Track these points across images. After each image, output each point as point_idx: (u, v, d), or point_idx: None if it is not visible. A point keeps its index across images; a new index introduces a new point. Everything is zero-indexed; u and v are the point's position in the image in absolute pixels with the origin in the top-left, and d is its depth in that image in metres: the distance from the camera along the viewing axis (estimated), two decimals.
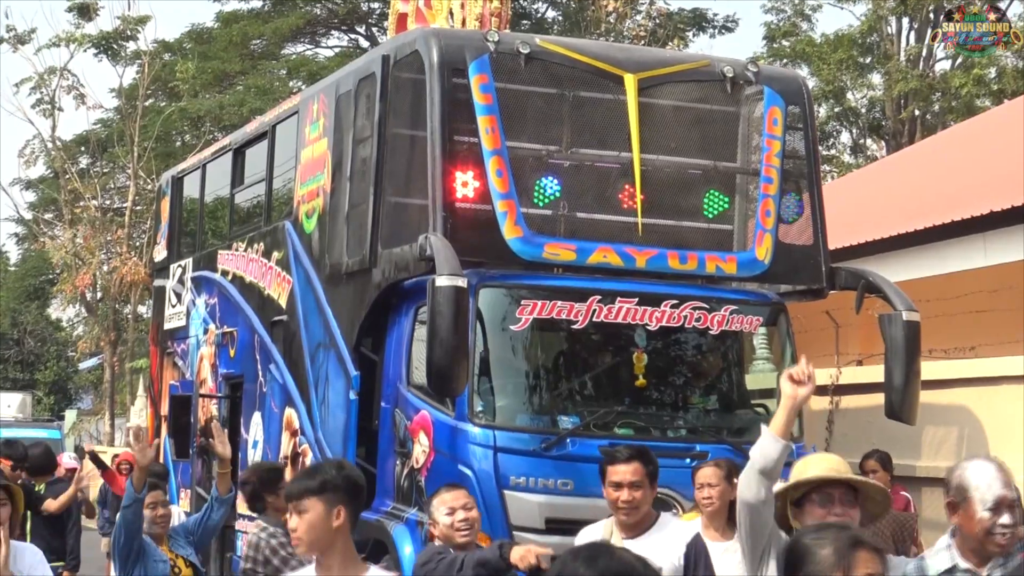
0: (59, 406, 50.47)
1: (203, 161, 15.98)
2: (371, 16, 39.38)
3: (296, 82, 37.77)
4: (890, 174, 21.02)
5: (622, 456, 6.09)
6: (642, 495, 5.99)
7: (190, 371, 14.85)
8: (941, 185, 16.76)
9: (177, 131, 39.87)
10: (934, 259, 13.81)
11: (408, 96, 10.55)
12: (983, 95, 32.80)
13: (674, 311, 9.99)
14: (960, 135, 22.07)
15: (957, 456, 11.91)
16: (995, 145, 17.42)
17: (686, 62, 11.10)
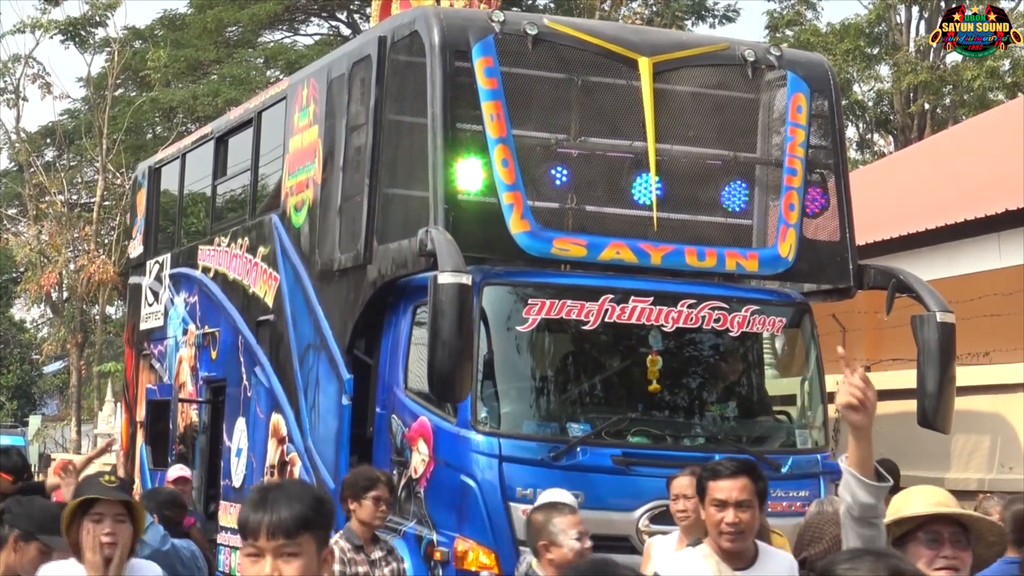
0: (22, 411, 50.16)
1: (183, 151, 15.73)
2: (353, 2, 39.16)
3: (274, 71, 37.60)
4: (899, 171, 20.93)
5: (727, 470, 5.23)
6: (750, 517, 5.14)
7: (168, 374, 14.61)
8: (953, 183, 16.66)
9: (148, 123, 39.69)
10: (946, 260, 13.69)
11: (407, 80, 10.33)
12: (996, 88, 32.67)
13: (691, 311, 9.79)
14: (973, 130, 22.03)
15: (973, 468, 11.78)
16: (1009, 141, 17.35)
17: (704, 45, 10.88)
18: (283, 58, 38.13)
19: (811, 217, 10.44)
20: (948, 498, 4.22)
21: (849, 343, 13.54)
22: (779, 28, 36.35)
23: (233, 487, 12.28)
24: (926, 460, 11.56)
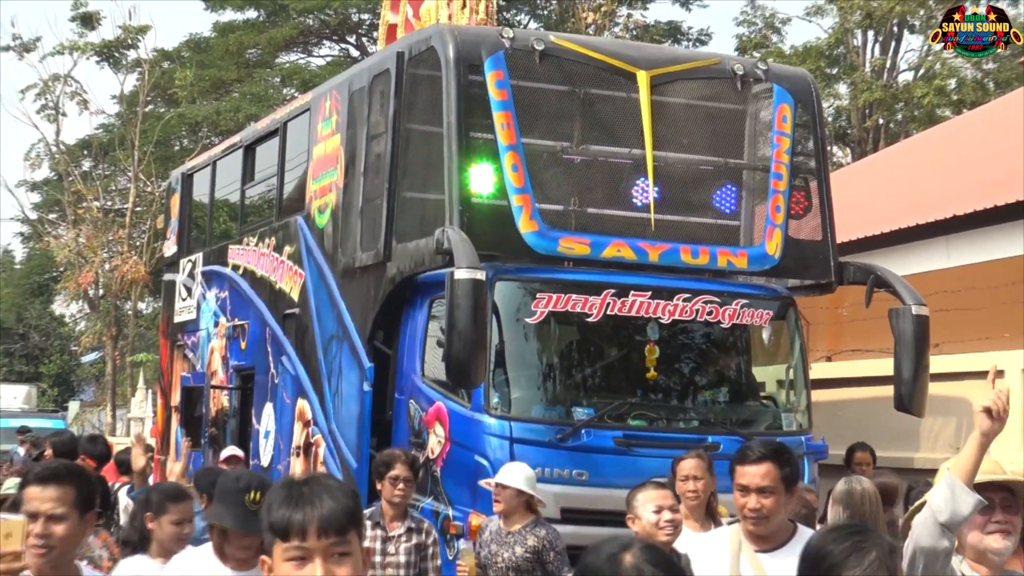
0: (62, 398, 50.05)
1: (213, 158, 15.58)
2: (361, 27, 39.06)
3: (289, 89, 37.49)
4: (855, 180, 20.86)
5: (752, 455, 4.71)
6: (773, 503, 4.60)
7: (201, 363, 14.46)
8: (905, 191, 16.65)
9: (176, 136, 39.55)
10: (899, 261, 13.61)
11: (423, 92, 10.17)
12: (944, 105, 32.65)
13: (686, 304, 9.67)
14: (923, 143, 22.06)
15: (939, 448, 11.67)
16: (956, 153, 17.47)
17: (697, 60, 10.79)
18: (298, 77, 38.06)
19: (795, 218, 10.33)
20: (996, 466, 4.02)
21: (812, 336, 13.42)
22: (747, 50, 36.28)
23: (261, 466, 12.11)
24: (894, 442, 11.43)
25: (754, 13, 36.32)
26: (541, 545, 7.59)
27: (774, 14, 36.38)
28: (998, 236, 12.74)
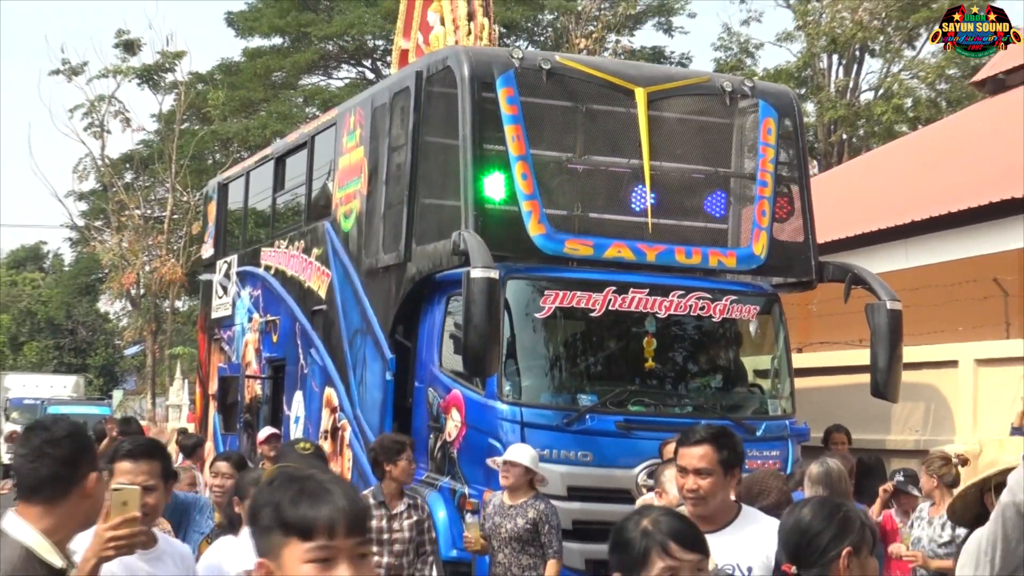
0: (107, 387, 50.05)
1: (247, 169, 15.50)
2: (376, 52, 38.93)
3: (311, 108, 37.36)
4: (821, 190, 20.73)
5: (692, 438, 4.37)
6: (710, 484, 4.24)
7: (236, 355, 14.35)
8: (867, 199, 16.60)
9: (209, 151, 39.41)
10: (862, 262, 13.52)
11: (440, 107, 10.09)
12: (901, 121, 32.52)
13: (681, 300, 9.61)
14: (882, 156, 22.03)
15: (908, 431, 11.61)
16: (913, 165, 17.50)
17: (690, 78, 10.74)
18: (319, 97, 37.95)
19: (779, 222, 10.27)
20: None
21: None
22: (724, 73, 36.17)
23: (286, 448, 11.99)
24: (860, 424, 11.35)
25: (730, 39, 36.13)
26: (539, 517, 7.60)
27: (748, 40, 36.24)
28: (952, 240, 12.75)
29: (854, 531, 3.14)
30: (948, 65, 32.12)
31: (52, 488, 3.14)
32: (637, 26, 37.36)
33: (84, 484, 3.18)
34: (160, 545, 3.96)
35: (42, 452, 3.14)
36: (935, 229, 12.81)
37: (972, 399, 11.43)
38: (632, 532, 2.87)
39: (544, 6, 35.98)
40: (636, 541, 2.84)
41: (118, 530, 3.26)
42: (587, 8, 34.26)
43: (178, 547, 4.26)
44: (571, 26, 32.71)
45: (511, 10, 33.54)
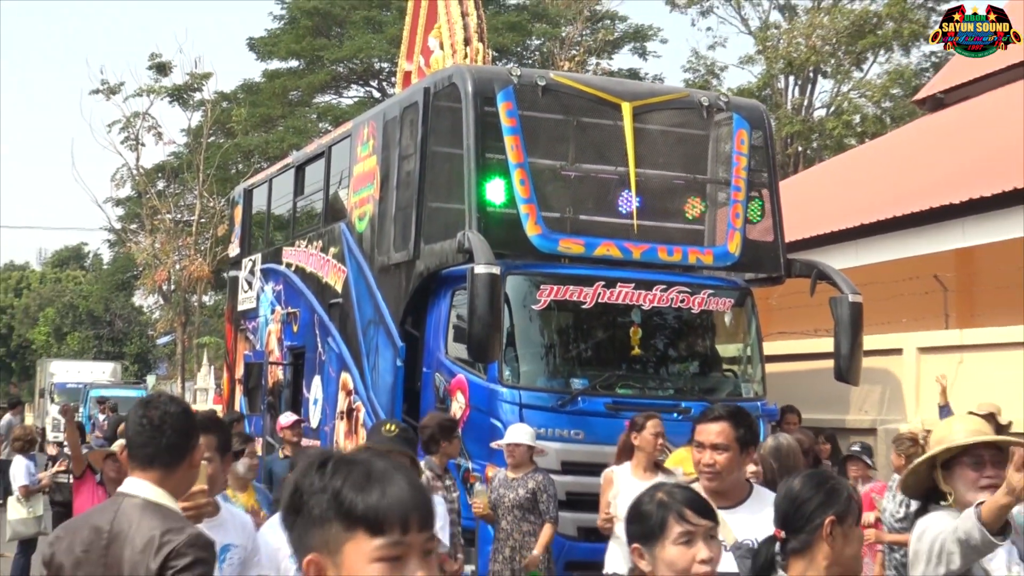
0: (141, 373, 49.86)
1: (270, 176, 15.33)
2: (382, 73, 38.72)
3: (324, 124, 37.14)
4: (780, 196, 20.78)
5: (711, 415, 4.06)
6: (726, 460, 3.89)
7: (260, 343, 14.19)
8: (821, 204, 16.57)
9: (232, 161, 39.16)
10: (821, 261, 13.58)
11: (446, 120, 9.96)
12: (850, 136, 32.47)
13: (663, 294, 9.51)
14: (833, 166, 22.07)
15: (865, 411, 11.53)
16: (861, 174, 17.51)
17: (670, 93, 10.58)
18: (331, 114, 37.71)
19: (752, 223, 10.15)
20: (984, 425, 3.58)
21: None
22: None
23: (311, 427, 11.82)
24: (816, 406, 11.26)
25: (697, 62, 36.05)
26: (538, 487, 7.57)
27: (714, 62, 36.14)
28: (897, 241, 12.76)
29: (839, 501, 3.04)
30: (892, 85, 32.13)
31: (169, 457, 3.13)
32: (615, 50, 37.23)
33: (193, 455, 3.20)
34: (223, 514, 3.90)
35: (161, 426, 3.12)
36: (882, 231, 12.87)
37: (915, 383, 11.42)
38: (648, 504, 2.83)
39: (531, 32, 35.79)
40: (653, 511, 2.80)
41: (187, 501, 3.27)
42: (570, 34, 34.13)
43: (240, 516, 4.16)
44: (556, 50, 32.57)
45: (502, 36, 33.31)
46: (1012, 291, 12.34)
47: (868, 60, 33.56)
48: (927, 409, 11.03)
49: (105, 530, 3.00)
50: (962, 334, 11.52)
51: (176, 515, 3.13)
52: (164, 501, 3.10)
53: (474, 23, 15.21)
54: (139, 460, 3.13)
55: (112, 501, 3.14)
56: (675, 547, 2.75)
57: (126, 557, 2.94)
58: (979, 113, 17.02)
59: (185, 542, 2.97)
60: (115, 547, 2.96)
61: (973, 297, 13.43)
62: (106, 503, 3.18)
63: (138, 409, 3.18)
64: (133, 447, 3.15)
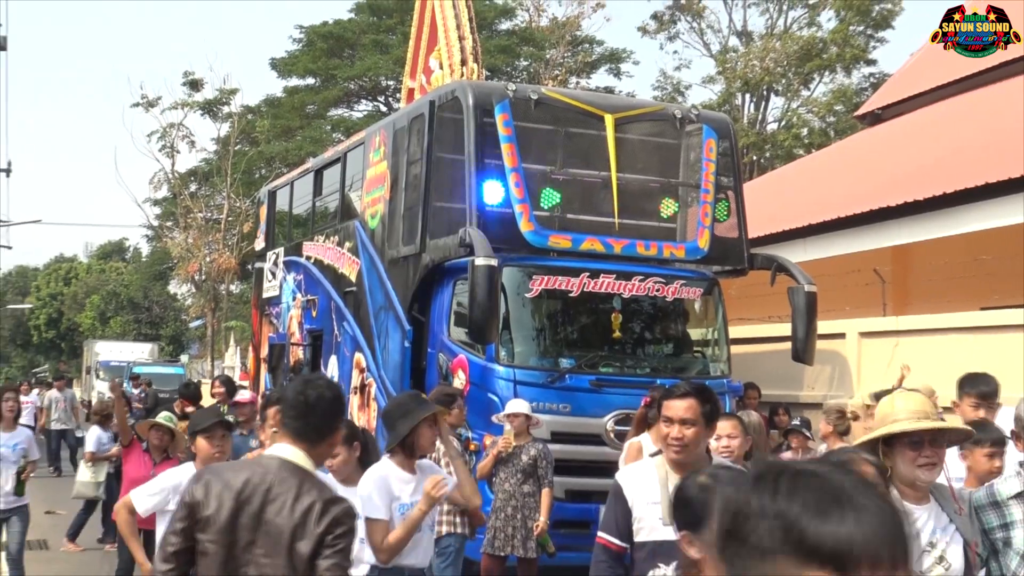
0: (175, 352, 49.48)
1: (291, 179, 15.14)
2: (388, 90, 38.43)
3: (337, 134, 36.88)
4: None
5: (678, 391, 3.79)
6: (694, 434, 3.67)
7: (282, 327, 14.02)
8: (772, 206, 16.49)
9: (256, 167, 38.82)
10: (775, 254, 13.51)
11: (449, 130, 9.81)
12: (798, 147, 32.40)
13: (641, 284, 9.41)
14: (784, 174, 22.04)
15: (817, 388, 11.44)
16: (808, 180, 17.49)
17: (648, 107, 10.44)
18: (343, 126, 37.46)
19: (719, 222, 10.05)
20: (926, 403, 3.32)
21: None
22: None
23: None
24: (785, 383, 11.17)
25: (665, 81, 35.97)
26: (538, 455, 7.51)
27: (679, 82, 36.06)
28: (841, 239, 12.71)
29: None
30: (835, 102, 32.07)
31: (315, 435, 3.01)
32: (593, 71, 37.06)
33: (334, 437, 3.11)
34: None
35: (315, 406, 3.00)
36: (827, 231, 12.82)
37: (857, 364, 11.35)
38: (692, 490, 2.51)
39: (520, 54, 35.59)
40: (696, 496, 2.48)
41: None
42: (554, 57, 33.98)
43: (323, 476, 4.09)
44: (541, 71, 32.43)
45: (494, 58, 33.10)
46: (941, 283, 12.30)
47: (814, 80, 33.49)
48: (868, 386, 10.96)
49: (259, 486, 2.86)
50: (898, 320, 11.46)
51: (328, 485, 3.03)
52: (311, 469, 2.99)
53: (469, 46, 15.02)
54: (290, 431, 3.01)
55: (261, 460, 3.00)
56: None
57: (283, 516, 2.82)
58: (912, 127, 16.97)
59: (344, 511, 2.89)
60: (271, 506, 2.83)
61: (907, 288, 13.39)
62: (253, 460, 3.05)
63: (299, 385, 3.09)
64: (287, 417, 3.03)
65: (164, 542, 2.86)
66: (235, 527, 2.77)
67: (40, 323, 60.45)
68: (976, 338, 9.89)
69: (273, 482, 2.85)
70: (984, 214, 10.62)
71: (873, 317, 12.03)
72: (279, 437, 3.04)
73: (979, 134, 13.76)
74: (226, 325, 37.94)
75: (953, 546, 3.18)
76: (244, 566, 2.76)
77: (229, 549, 2.76)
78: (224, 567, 2.76)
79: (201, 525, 2.80)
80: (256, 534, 2.78)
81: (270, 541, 2.77)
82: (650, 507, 3.48)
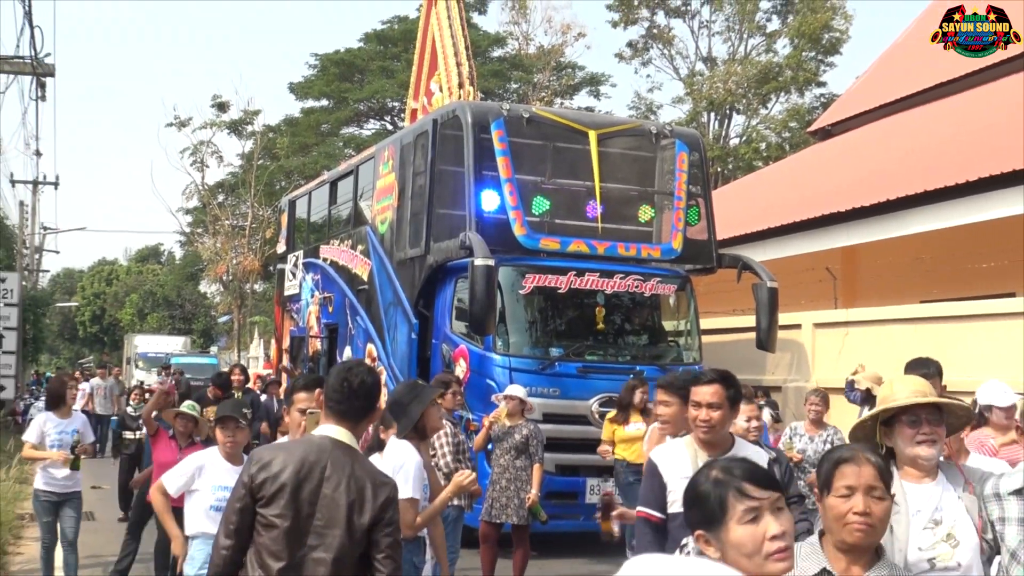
0: (206, 345, 49.21)
1: (309, 190, 15.03)
2: (393, 110, 38.27)
3: (348, 150, 36.72)
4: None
5: (705, 378, 3.69)
6: (720, 416, 3.53)
7: (302, 321, 13.91)
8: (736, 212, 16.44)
9: (277, 179, 38.60)
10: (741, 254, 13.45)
11: (450, 145, 9.74)
12: (758, 159, 32.35)
13: (622, 281, 9.39)
14: (745, 183, 21.98)
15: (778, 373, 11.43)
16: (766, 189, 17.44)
17: (627, 124, 10.39)
18: (354, 143, 37.25)
19: (691, 225, 10.01)
20: (924, 385, 3.03)
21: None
22: None
23: None
24: (750, 369, 11.14)
25: (639, 102, 35.79)
26: (530, 434, 7.42)
27: (652, 102, 35.91)
28: (796, 240, 12.70)
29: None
30: (790, 120, 32.05)
31: (356, 415, 2.96)
32: (575, 92, 36.93)
33: (373, 415, 3.04)
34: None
35: (357, 391, 2.95)
36: (785, 233, 12.80)
37: (812, 351, 11.34)
38: (704, 484, 2.05)
39: (510, 78, 35.50)
40: (710, 492, 2.02)
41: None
42: (541, 80, 33.91)
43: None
44: (529, 93, 32.36)
45: (488, 81, 32.98)
46: (886, 279, 12.30)
47: (771, 100, 33.46)
48: (821, 371, 10.96)
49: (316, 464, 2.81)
50: (847, 313, 11.45)
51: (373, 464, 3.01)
52: (356, 446, 2.95)
53: (466, 71, 14.96)
54: (334, 413, 2.95)
55: (313, 440, 2.93)
56: (741, 527, 1.95)
57: (340, 492, 2.78)
58: (859, 141, 16.95)
59: (393, 490, 2.86)
60: (328, 482, 2.79)
61: (856, 284, 13.38)
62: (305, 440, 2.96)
63: (342, 372, 3.00)
64: (331, 401, 2.96)
65: (226, 520, 2.82)
66: (297, 501, 2.76)
67: (85, 319, 60.15)
68: (917, 328, 9.88)
69: (328, 461, 2.82)
70: (923, 218, 10.62)
71: (825, 310, 12.02)
72: (324, 418, 3.00)
73: (918, 147, 13.75)
74: (251, 320, 37.80)
75: (964, 524, 2.83)
76: (306, 535, 2.75)
77: (294, 521, 2.75)
78: (289, 537, 2.75)
79: (264, 502, 2.77)
80: (315, 508, 2.77)
81: (328, 514, 2.76)
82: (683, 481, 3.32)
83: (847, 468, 2.38)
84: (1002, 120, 12.23)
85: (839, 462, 2.40)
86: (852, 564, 2.32)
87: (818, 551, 2.37)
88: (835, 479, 2.38)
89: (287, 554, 2.73)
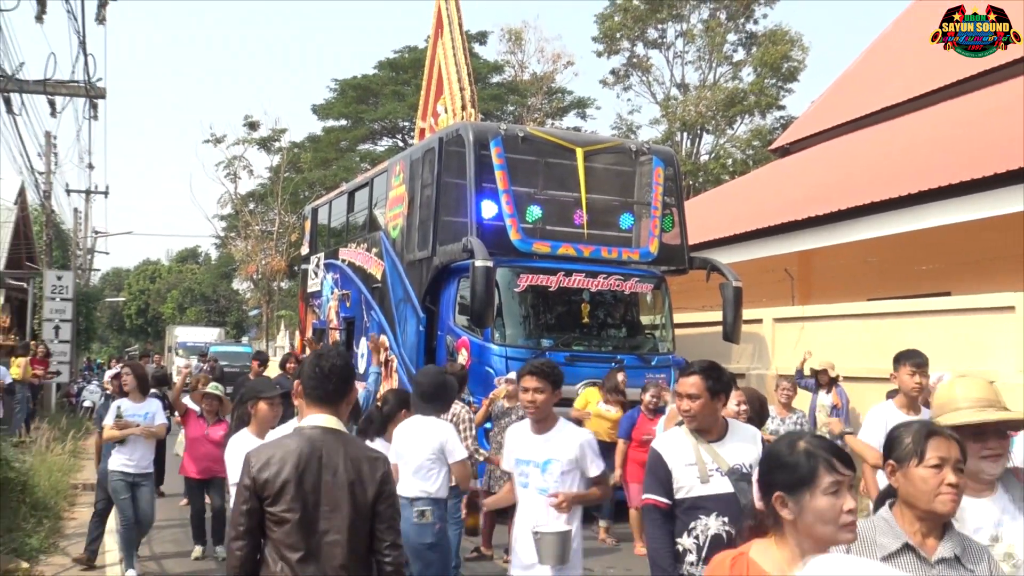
0: (238, 335, 49.14)
1: (330, 199, 14.96)
2: (404, 130, 38.21)
3: (364, 165, 36.68)
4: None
5: (688, 370, 3.46)
6: (699, 405, 3.31)
7: (323, 315, 13.87)
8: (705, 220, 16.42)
9: (301, 190, 38.55)
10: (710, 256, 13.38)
11: (454, 160, 9.73)
12: (725, 174, 32.35)
13: (605, 280, 9.39)
14: (714, 195, 21.95)
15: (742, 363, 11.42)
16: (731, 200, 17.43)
17: (609, 142, 10.37)
18: (369, 158, 37.19)
19: (666, 232, 10.00)
20: (987, 389, 2.52)
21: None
22: None
23: (358, 372, 11.59)
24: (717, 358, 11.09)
25: (620, 123, 35.79)
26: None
27: (632, 123, 35.89)
28: (758, 245, 12.69)
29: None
30: (753, 139, 32.06)
31: (334, 397, 2.78)
32: (564, 114, 36.93)
33: (349, 396, 2.84)
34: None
35: (329, 374, 2.77)
36: (748, 239, 12.78)
37: (772, 343, 11.33)
38: (795, 454, 1.97)
39: (507, 101, 35.47)
40: (802, 461, 1.95)
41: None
42: (534, 103, 33.90)
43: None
44: (524, 114, 32.33)
45: (487, 104, 32.94)
46: (837, 279, 12.30)
47: (737, 122, 33.48)
48: (780, 360, 10.96)
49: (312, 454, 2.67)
50: (803, 309, 11.44)
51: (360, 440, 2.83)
52: (342, 428, 2.79)
53: (468, 95, 14.94)
54: (312, 399, 2.79)
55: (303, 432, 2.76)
56: (825, 497, 1.93)
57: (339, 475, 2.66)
58: (814, 158, 16.96)
59: (387, 461, 2.74)
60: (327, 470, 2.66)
61: (811, 284, 13.38)
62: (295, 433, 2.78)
63: (314, 360, 2.84)
64: (308, 388, 2.80)
65: (234, 523, 2.67)
66: (303, 493, 2.64)
67: (131, 313, 60.05)
68: (865, 323, 9.89)
69: (322, 449, 2.69)
70: (871, 226, 10.63)
71: (784, 306, 12.02)
72: (306, 408, 2.82)
73: (866, 163, 13.76)
74: (278, 314, 37.76)
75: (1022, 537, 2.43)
76: (317, 523, 2.64)
77: (303, 512, 2.64)
78: (301, 528, 2.65)
79: (271, 500, 2.64)
80: (320, 496, 2.66)
81: (334, 499, 2.65)
82: (686, 468, 3.22)
83: (938, 441, 2.19)
84: (943, 139, 12.27)
85: (930, 434, 2.20)
86: (927, 536, 2.18)
87: (894, 526, 2.20)
88: (928, 449, 2.18)
89: (303, 544, 2.61)
